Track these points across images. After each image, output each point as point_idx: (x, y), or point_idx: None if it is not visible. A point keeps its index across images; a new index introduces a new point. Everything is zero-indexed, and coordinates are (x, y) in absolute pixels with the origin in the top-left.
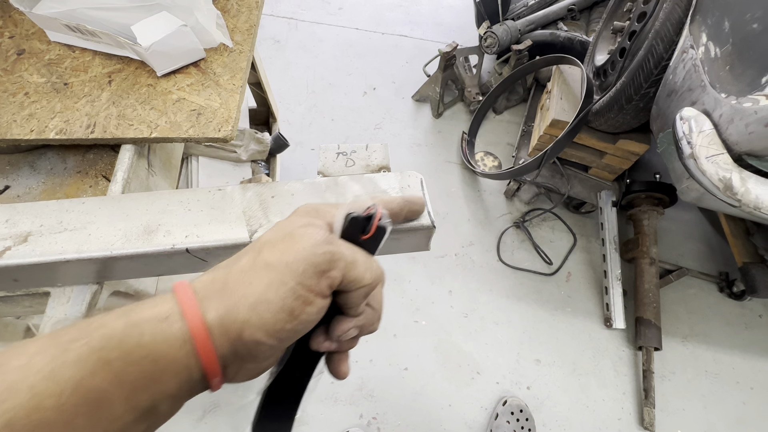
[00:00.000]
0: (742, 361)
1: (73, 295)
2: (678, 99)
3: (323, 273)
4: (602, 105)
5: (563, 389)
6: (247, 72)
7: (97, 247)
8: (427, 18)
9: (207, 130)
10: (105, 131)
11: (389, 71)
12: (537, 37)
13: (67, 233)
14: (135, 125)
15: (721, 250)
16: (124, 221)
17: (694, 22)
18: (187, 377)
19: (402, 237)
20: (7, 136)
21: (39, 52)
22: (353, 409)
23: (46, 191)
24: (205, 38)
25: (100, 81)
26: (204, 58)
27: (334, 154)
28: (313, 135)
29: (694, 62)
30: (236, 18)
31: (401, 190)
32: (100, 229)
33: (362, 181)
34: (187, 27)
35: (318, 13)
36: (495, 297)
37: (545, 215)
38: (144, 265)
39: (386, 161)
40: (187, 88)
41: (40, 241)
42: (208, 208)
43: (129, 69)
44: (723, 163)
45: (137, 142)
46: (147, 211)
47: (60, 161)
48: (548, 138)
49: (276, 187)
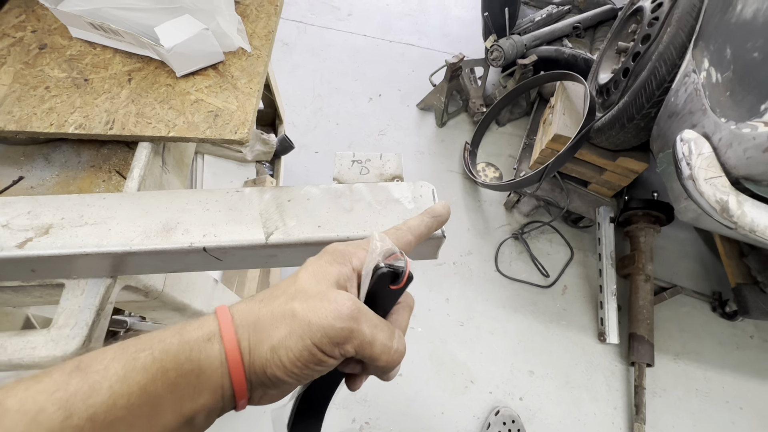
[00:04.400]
0: (732, 380)
1: (87, 288)
2: (679, 121)
3: (338, 345)
4: (604, 122)
5: (555, 401)
6: (264, 77)
7: (117, 241)
8: (435, 28)
9: (224, 132)
10: (124, 128)
11: (395, 79)
12: (542, 52)
13: (88, 227)
14: (153, 124)
15: (714, 269)
16: (143, 218)
17: (697, 48)
18: (221, 395)
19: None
20: (27, 128)
21: (60, 47)
22: (346, 413)
23: (60, 183)
24: (224, 42)
25: (120, 79)
26: (223, 61)
27: (349, 161)
28: (318, 138)
29: (695, 86)
30: (255, 23)
31: (413, 199)
32: (120, 224)
33: (376, 190)
34: (208, 30)
35: (327, 18)
36: (491, 307)
37: (544, 228)
38: (161, 262)
39: (399, 171)
40: (205, 90)
41: (61, 233)
42: (225, 209)
43: (149, 68)
44: (721, 185)
45: (155, 140)
46: (166, 209)
47: (74, 155)
48: (550, 152)
49: (292, 191)
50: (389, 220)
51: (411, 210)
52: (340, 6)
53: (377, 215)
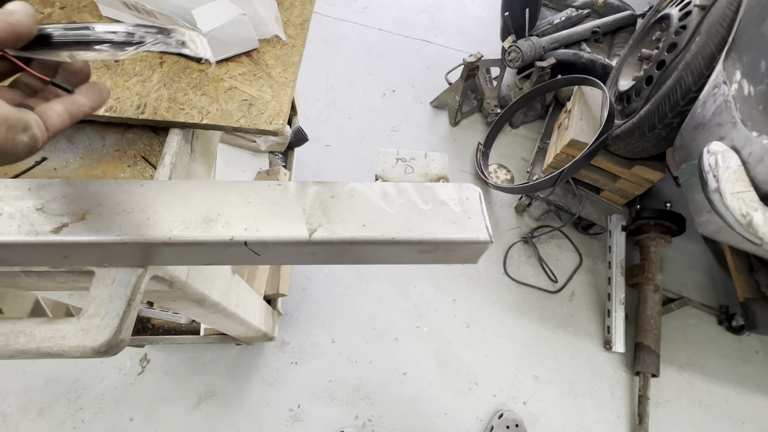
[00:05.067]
0: (736, 395)
1: (118, 277)
2: (705, 132)
3: None
4: (623, 130)
5: (559, 407)
6: (299, 67)
7: (156, 231)
8: (451, 26)
9: (258, 122)
10: (155, 113)
11: (409, 75)
12: (560, 55)
13: (125, 215)
14: (186, 110)
15: (723, 283)
16: (182, 207)
17: (729, 59)
18: None
19: (456, 249)
20: None
21: None
22: (349, 410)
23: (84, 166)
24: (260, 29)
25: (151, 62)
26: (257, 48)
27: (393, 159)
28: (330, 131)
29: (725, 98)
30: (289, 11)
31: (460, 201)
32: (158, 212)
33: (422, 190)
34: (245, 16)
35: (343, 10)
36: (498, 309)
37: (553, 233)
38: (197, 254)
39: (445, 171)
40: (239, 77)
41: (98, 220)
42: (267, 202)
43: None
44: (749, 200)
45: (187, 127)
46: (206, 200)
47: (98, 137)
48: (565, 157)
49: (336, 188)
50: (435, 222)
51: (457, 212)
52: None
53: (423, 216)
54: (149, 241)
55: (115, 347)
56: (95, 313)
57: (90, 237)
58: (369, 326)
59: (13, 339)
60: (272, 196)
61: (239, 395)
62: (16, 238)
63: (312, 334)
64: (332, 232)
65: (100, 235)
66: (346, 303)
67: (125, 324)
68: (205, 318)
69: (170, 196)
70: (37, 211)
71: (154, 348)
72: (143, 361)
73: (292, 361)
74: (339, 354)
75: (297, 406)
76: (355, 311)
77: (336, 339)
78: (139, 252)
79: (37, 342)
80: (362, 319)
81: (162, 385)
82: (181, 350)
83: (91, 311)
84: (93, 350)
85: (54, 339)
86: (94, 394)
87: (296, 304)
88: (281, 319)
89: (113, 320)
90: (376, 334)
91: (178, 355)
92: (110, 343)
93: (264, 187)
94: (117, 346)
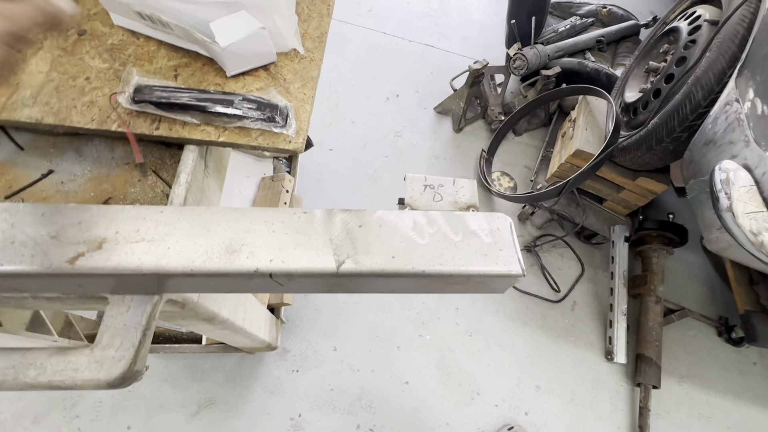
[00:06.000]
0: (734, 406)
1: (133, 305)
2: (716, 149)
3: None
4: (630, 142)
5: (560, 418)
6: (317, 82)
7: (177, 262)
8: (455, 31)
9: (277, 140)
10: (171, 129)
11: (413, 80)
12: (565, 64)
13: (145, 243)
14: (202, 126)
15: (722, 295)
16: (205, 236)
17: (742, 76)
18: None
19: (487, 281)
20: (67, 122)
21: (101, 34)
22: (351, 419)
23: (92, 180)
24: (278, 42)
25: (165, 73)
26: (274, 62)
27: (421, 186)
28: (333, 135)
29: (738, 116)
30: (307, 23)
31: (491, 232)
32: (179, 242)
33: (452, 219)
34: (265, 30)
35: (347, 12)
36: (501, 319)
37: (556, 242)
38: (219, 284)
39: (474, 199)
40: (256, 93)
41: (116, 249)
42: (293, 231)
43: (196, 65)
44: (762, 220)
45: (203, 144)
46: (229, 228)
47: (107, 150)
48: (569, 167)
49: (364, 216)
50: (466, 254)
51: (489, 244)
52: (360, 1)
53: (454, 248)
54: (170, 272)
55: (130, 379)
56: (109, 344)
57: (107, 268)
58: (371, 334)
59: (23, 372)
60: (298, 225)
61: (239, 403)
62: (29, 268)
63: (314, 342)
64: (360, 264)
65: (119, 266)
66: (348, 311)
67: (140, 354)
68: (212, 333)
69: (192, 224)
70: (51, 239)
71: (152, 355)
72: None
73: (294, 369)
74: (341, 362)
75: (298, 415)
76: (357, 319)
77: (338, 347)
78: (156, 281)
79: (48, 375)
80: (364, 327)
81: (160, 392)
82: (180, 357)
83: (105, 342)
84: (107, 383)
85: (66, 372)
86: (90, 402)
87: (298, 311)
88: (283, 326)
89: (128, 351)
90: (378, 342)
91: (178, 363)
92: (125, 376)
93: (289, 215)
94: (132, 377)
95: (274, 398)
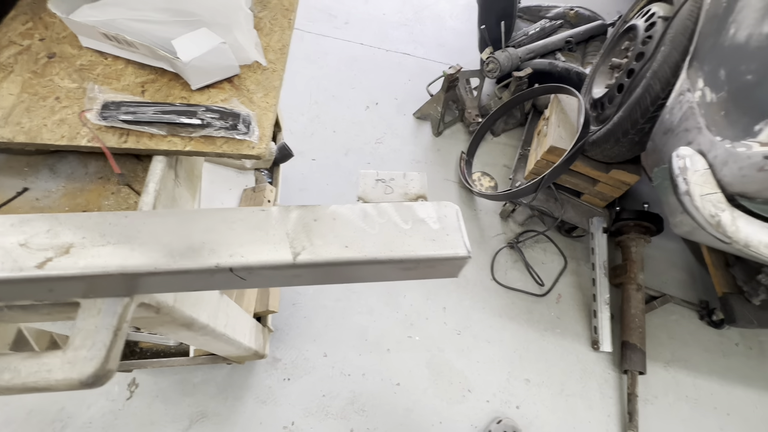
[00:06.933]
0: (719, 387)
1: (104, 307)
2: (674, 137)
3: None
4: (599, 136)
5: (551, 410)
6: (280, 91)
7: (141, 262)
8: (430, 38)
9: (241, 147)
10: (138, 141)
11: (392, 88)
12: (536, 65)
13: (111, 246)
14: (169, 137)
15: (702, 279)
16: (168, 237)
17: (692, 68)
18: None
19: (437, 265)
20: (37, 140)
21: (70, 56)
22: (344, 424)
23: (66, 195)
24: (240, 55)
25: (133, 90)
26: (238, 74)
27: (373, 180)
28: (315, 145)
29: (690, 105)
30: (269, 36)
31: (438, 219)
32: (144, 244)
33: (401, 210)
34: (225, 44)
35: (324, 26)
36: (488, 315)
37: (538, 237)
38: (184, 281)
39: (423, 190)
40: (221, 104)
41: (82, 253)
42: (251, 228)
43: (162, 80)
44: (716, 201)
45: (170, 154)
46: (191, 228)
47: (81, 166)
48: (545, 163)
49: (318, 211)
50: (415, 240)
51: (437, 230)
52: (336, 14)
53: (403, 235)
54: (134, 271)
55: (102, 378)
56: (81, 345)
57: (74, 270)
58: (361, 338)
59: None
60: (256, 222)
61: (231, 415)
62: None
63: (304, 349)
64: (316, 254)
65: (85, 268)
66: (337, 316)
67: (112, 354)
68: (194, 340)
69: (155, 226)
70: (20, 246)
71: (142, 371)
72: (131, 386)
73: (285, 377)
74: (332, 368)
75: (291, 423)
76: (346, 324)
77: (328, 353)
78: (124, 282)
79: (23, 377)
80: (354, 332)
81: (151, 409)
82: (170, 372)
83: (77, 343)
84: (80, 382)
85: (40, 373)
86: (80, 423)
87: (286, 319)
88: (272, 335)
89: (100, 351)
90: (368, 345)
91: (168, 378)
92: (97, 374)
93: (247, 213)
94: (105, 376)
95: (266, 408)
